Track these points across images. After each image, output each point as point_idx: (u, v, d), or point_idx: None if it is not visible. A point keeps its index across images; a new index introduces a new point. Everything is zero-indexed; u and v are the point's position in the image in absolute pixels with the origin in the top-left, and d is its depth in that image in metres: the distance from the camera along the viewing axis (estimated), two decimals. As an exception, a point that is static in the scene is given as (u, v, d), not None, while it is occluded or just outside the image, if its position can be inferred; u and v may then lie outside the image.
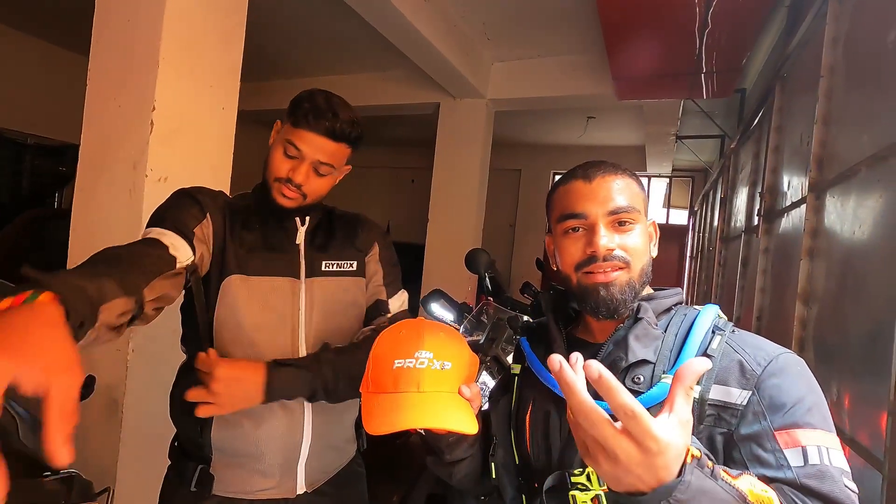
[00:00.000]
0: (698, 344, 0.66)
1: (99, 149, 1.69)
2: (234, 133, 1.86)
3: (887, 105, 1.15)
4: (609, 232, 0.70)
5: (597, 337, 0.75)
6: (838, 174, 1.40)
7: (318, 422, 1.01)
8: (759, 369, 0.62)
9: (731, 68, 2.94)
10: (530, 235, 7.39)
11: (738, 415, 0.61)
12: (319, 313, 1.01)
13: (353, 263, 1.07)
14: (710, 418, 0.62)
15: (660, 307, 0.72)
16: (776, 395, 0.60)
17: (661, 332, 0.69)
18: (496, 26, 3.50)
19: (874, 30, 1.30)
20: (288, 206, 1.00)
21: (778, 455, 0.57)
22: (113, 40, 1.69)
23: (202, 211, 0.95)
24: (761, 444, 0.59)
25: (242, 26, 1.88)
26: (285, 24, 3.73)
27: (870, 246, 1.15)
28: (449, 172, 4.30)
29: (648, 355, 0.67)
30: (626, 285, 0.69)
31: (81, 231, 1.72)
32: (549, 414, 0.72)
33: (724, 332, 0.67)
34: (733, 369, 0.63)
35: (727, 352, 0.65)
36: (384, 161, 7.66)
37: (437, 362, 0.68)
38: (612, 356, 0.69)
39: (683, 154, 5.73)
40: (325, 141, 0.96)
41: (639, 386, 0.65)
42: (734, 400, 0.61)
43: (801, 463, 0.56)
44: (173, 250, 0.85)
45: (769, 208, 2.23)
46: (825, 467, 0.56)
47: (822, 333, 1.44)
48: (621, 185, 0.72)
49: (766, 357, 0.63)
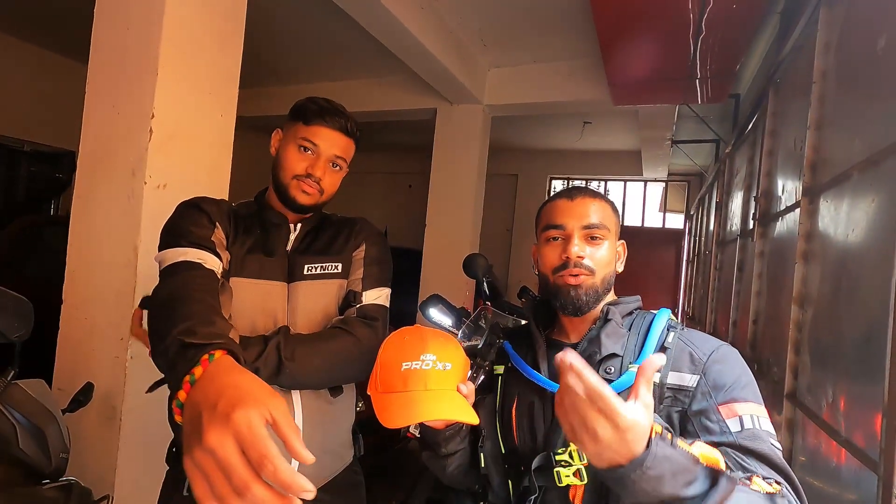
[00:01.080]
0: (657, 339, 0.81)
1: (98, 156, 1.70)
2: (232, 139, 1.87)
3: (878, 110, 1.17)
4: (581, 243, 0.84)
5: (571, 338, 0.89)
6: (831, 178, 1.42)
7: (311, 425, 0.99)
8: (704, 357, 0.77)
9: (726, 74, 2.97)
10: (527, 240, 7.39)
11: (689, 395, 0.75)
12: (302, 317, 1.01)
13: (337, 266, 1.06)
14: (668, 399, 0.76)
15: (624, 310, 0.87)
16: (718, 378, 0.75)
17: (626, 330, 0.84)
18: (492, 32, 3.53)
19: (865, 36, 1.32)
20: (307, 203, 1.02)
21: (721, 424, 0.71)
22: (111, 47, 1.70)
23: (211, 220, 0.97)
24: (708, 416, 0.72)
25: (241, 33, 1.89)
26: (283, 30, 3.75)
27: (863, 249, 1.17)
28: (446, 177, 4.32)
29: (617, 349, 0.81)
30: (591, 289, 0.84)
31: (80, 238, 1.72)
32: (533, 404, 0.85)
33: (676, 329, 0.82)
34: (685, 358, 0.78)
35: (679, 345, 0.80)
36: (381, 167, 7.68)
37: (441, 363, 0.77)
38: (588, 351, 0.82)
39: (679, 158, 5.77)
40: (339, 135, 1.03)
41: (610, 375, 0.79)
42: (686, 383, 0.76)
43: (739, 428, 0.70)
44: (209, 265, 0.89)
45: (764, 212, 2.25)
46: (756, 430, 0.70)
47: (817, 336, 1.45)
48: (597, 206, 0.86)
49: (710, 348, 0.79)
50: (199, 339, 0.65)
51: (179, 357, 0.64)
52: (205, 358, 0.60)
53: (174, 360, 0.65)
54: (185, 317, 0.72)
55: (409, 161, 7.57)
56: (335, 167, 1.05)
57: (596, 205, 0.86)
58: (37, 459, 1.14)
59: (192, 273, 0.86)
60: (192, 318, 0.72)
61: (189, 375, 0.58)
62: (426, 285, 4.14)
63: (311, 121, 1.01)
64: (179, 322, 0.70)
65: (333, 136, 1.02)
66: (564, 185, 7.73)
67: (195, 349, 0.63)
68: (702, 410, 0.73)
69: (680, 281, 6.86)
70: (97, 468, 1.59)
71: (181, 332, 0.68)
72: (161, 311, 0.78)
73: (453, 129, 4.31)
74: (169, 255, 0.90)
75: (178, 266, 0.88)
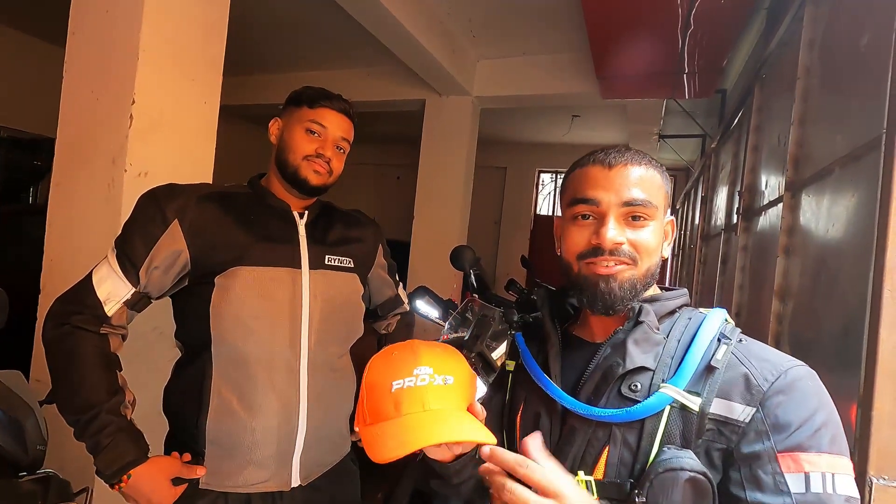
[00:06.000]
0: (702, 353, 0.62)
1: (76, 143, 1.65)
2: (216, 128, 1.84)
3: (860, 106, 1.18)
4: (619, 225, 0.65)
5: (596, 336, 0.71)
6: (813, 173, 1.44)
7: (314, 413, 1.02)
8: (765, 385, 0.58)
9: (713, 69, 2.99)
10: (516, 233, 7.43)
11: (739, 432, 0.58)
12: (324, 304, 1.03)
13: (350, 260, 1.11)
14: (710, 433, 0.59)
15: (663, 310, 0.68)
16: (782, 414, 0.57)
17: (662, 336, 0.65)
18: (482, 24, 3.51)
19: (848, 34, 1.33)
20: (318, 184, 1.04)
21: (778, 478, 0.55)
22: (90, 31, 1.65)
23: (164, 220, 0.96)
24: (762, 465, 0.56)
25: (225, 19, 1.85)
26: (269, 17, 3.68)
27: (843, 243, 1.19)
28: (435, 169, 4.30)
29: (648, 362, 0.63)
30: (628, 282, 0.65)
31: (58, 227, 1.68)
32: (539, 416, 0.69)
33: (731, 341, 0.63)
34: (738, 383, 0.59)
35: (732, 363, 0.61)
36: (370, 158, 7.62)
37: (439, 377, 0.63)
38: (609, 361, 0.65)
39: (666, 153, 5.82)
40: (343, 118, 1.06)
41: (636, 394, 0.62)
42: (736, 416, 0.58)
43: (803, 490, 0.54)
44: (106, 306, 0.94)
45: (748, 207, 2.28)
46: (827, 496, 0.53)
47: (797, 329, 1.48)
48: (642, 175, 0.66)
49: (775, 372, 0.59)
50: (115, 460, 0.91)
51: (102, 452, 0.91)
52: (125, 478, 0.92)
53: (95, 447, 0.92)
54: (90, 401, 0.90)
55: (397, 152, 7.52)
56: (339, 150, 1.07)
57: (640, 173, 0.65)
58: (13, 452, 1.12)
59: (88, 343, 0.93)
60: (98, 403, 0.90)
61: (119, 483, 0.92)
62: (414, 277, 4.13)
63: (316, 104, 1.04)
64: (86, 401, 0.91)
65: (338, 118, 1.05)
66: (553, 178, 7.73)
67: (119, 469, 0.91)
68: (754, 455, 0.56)
69: (666, 274, 6.95)
70: (77, 460, 1.56)
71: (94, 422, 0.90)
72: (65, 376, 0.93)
73: (442, 120, 4.29)
74: (101, 267, 0.97)
75: (84, 313, 0.94)
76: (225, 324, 0.96)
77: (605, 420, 0.62)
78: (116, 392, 0.93)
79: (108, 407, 0.91)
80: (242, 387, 0.96)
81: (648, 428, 0.60)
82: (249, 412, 0.96)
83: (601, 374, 0.65)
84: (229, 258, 0.97)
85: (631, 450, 0.61)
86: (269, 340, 0.97)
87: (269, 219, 1.04)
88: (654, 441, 0.59)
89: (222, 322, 0.96)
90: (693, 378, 0.61)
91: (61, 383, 0.93)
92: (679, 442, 0.59)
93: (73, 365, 0.91)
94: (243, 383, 0.96)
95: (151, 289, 0.97)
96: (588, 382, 0.66)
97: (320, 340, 1.02)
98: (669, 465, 0.56)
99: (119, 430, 0.91)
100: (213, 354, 0.97)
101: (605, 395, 0.64)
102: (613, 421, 0.61)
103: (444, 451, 0.67)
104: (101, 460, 0.90)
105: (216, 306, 0.96)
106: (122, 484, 0.91)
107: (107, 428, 0.90)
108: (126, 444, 0.92)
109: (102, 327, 0.95)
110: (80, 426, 0.91)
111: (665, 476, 0.56)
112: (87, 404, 0.90)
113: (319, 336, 1.02)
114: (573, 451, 0.64)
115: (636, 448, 0.60)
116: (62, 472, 1.25)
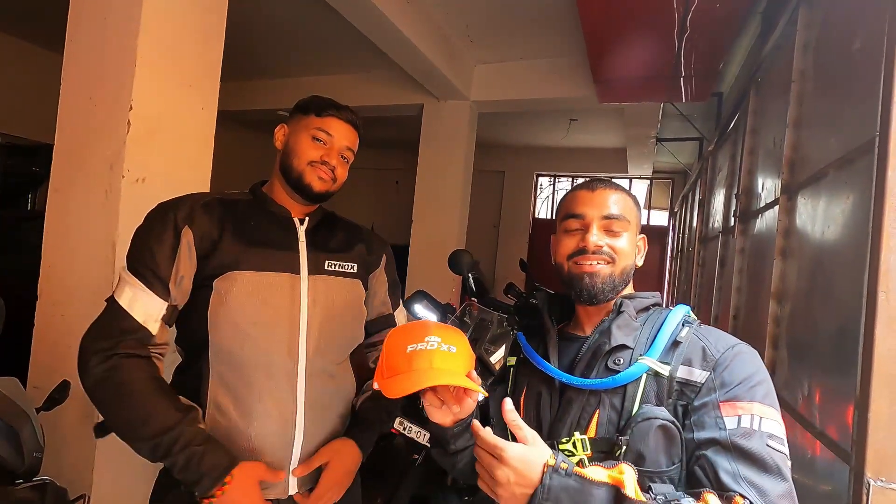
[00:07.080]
0: (670, 332, 0.79)
1: (74, 149, 1.65)
2: (213, 133, 1.84)
3: (853, 109, 1.19)
4: (600, 233, 0.83)
5: (586, 330, 0.88)
6: (809, 176, 1.45)
7: (312, 420, 1.01)
8: (717, 354, 0.75)
9: (709, 72, 3.01)
10: (514, 237, 7.44)
11: (696, 391, 0.73)
12: (323, 310, 1.03)
13: (353, 266, 1.11)
14: (676, 393, 0.75)
15: (639, 305, 0.85)
16: (727, 375, 0.72)
17: (639, 324, 0.82)
18: (479, 28, 3.52)
19: (842, 37, 1.34)
20: (321, 190, 1.05)
21: (718, 420, 0.69)
22: (88, 37, 1.65)
23: (177, 229, 0.96)
24: (707, 412, 0.71)
25: (222, 25, 1.85)
26: (267, 23, 3.69)
27: (838, 245, 1.19)
28: (433, 174, 4.31)
29: (628, 341, 0.79)
30: (608, 277, 0.82)
31: (56, 233, 1.68)
32: (540, 394, 0.85)
33: (692, 325, 0.80)
34: (697, 353, 0.76)
35: (693, 340, 0.78)
36: (368, 162, 7.62)
37: (445, 345, 0.76)
38: (598, 342, 0.82)
39: (663, 156, 5.83)
40: (349, 129, 1.07)
41: (619, 366, 0.77)
42: (695, 378, 0.74)
43: (735, 426, 0.68)
44: (147, 326, 0.92)
45: (744, 209, 2.28)
46: (753, 431, 0.67)
47: (794, 330, 1.48)
48: (618, 198, 0.85)
49: (725, 346, 0.76)
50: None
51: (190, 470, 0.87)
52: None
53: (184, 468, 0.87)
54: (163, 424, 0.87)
55: (395, 157, 7.54)
56: (344, 159, 1.08)
57: (616, 196, 0.85)
58: (10, 459, 1.12)
59: (144, 366, 0.92)
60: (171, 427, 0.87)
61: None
62: (412, 281, 4.13)
63: (323, 113, 1.05)
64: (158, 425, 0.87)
65: (345, 128, 1.06)
66: (551, 182, 7.78)
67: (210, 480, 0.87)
68: (702, 405, 0.71)
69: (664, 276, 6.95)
70: (74, 467, 1.56)
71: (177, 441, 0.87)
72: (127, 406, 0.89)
73: (440, 125, 4.30)
74: (123, 291, 0.93)
75: (127, 339, 0.91)
76: (222, 328, 0.95)
77: (595, 388, 0.78)
78: (189, 408, 0.91)
79: (188, 421, 0.89)
80: (239, 393, 0.96)
81: (630, 392, 0.76)
82: (246, 419, 0.95)
83: (591, 353, 0.82)
84: (227, 262, 0.96)
85: (616, 410, 0.76)
86: (266, 346, 0.97)
87: (269, 224, 1.04)
88: (634, 402, 0.75)
89: (220, 327, 0.95)
90: (663, 351, 0.77)
91: (123, 417, 0.88)
92: (654, 401, 0.75)
93: (132, 396, 0.88)
94: (240, 389, 0.96)
95: (179, 299, 0.96)
96: (580, 362, 0.83)
97: (319, 347, 1.02)
98: (646, 415, 0.73)
99: (206, 440, 0.89)
100: (211, 359, 0.96)
101: (594, 369, 0.80)
102: (602, 388, 0.77)
103: (445, 413, 0.79)
104: (196, 471, 0.87)
105: (214, 311, 0.95)
106: (224, 488, 0.87)
107: (195, 438, 0.87)
108: (218, 450, 0.89)
109: (149, 349, 0.93)
110: (162, 448, 0.86)
111: (643, 424, 0.72)
112: (163, 427, 0.86)
113: (318, 343, 1.02)
114: (570, 417, 0.79)
115: (620, 408, 0.76)
116: (59, 480, 1.25)
